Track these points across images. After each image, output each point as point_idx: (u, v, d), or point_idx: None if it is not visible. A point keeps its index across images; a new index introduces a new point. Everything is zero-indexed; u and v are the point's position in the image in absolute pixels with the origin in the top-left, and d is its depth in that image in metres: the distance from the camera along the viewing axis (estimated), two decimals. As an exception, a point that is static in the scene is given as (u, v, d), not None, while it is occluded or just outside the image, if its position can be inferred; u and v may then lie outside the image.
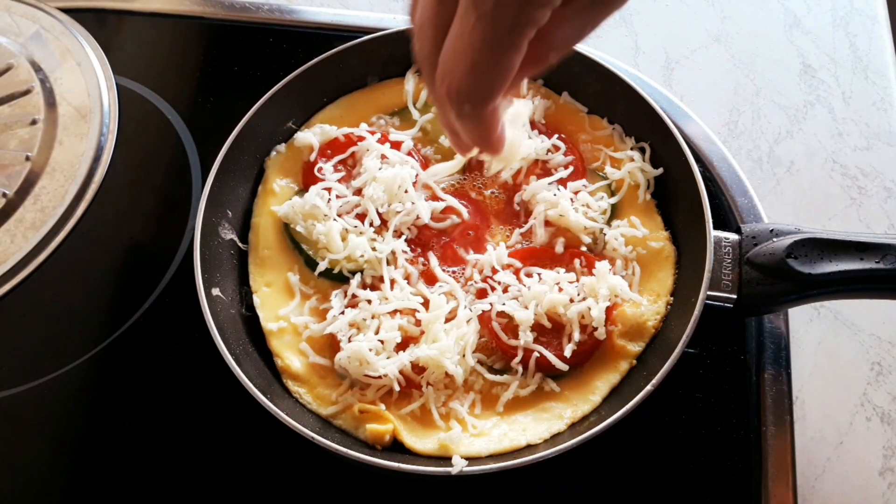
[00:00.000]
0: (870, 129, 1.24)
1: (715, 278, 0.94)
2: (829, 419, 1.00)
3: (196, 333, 0.95)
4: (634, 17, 1.38)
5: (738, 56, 1.33)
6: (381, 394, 0.95)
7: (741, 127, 1.25)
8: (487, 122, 0.63)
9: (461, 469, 0.85)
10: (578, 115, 1.14)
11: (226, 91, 1.31)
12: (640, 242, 1.03)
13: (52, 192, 1.20)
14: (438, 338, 0.94)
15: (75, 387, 1.05)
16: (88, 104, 1.28)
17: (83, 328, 1.10)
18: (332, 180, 1.08)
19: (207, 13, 1.40)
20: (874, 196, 1.17)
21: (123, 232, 1.19)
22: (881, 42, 1.34)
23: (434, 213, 1.06)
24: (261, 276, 1.04)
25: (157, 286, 1.11)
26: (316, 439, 0.85)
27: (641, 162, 1.08)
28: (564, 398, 0.95)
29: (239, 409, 0.91)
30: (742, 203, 1.13)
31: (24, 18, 1.38)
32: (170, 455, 1.00)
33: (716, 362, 1.02)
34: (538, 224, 1.04)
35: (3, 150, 1.23)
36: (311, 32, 1.37)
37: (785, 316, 1.05)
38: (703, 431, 0.98)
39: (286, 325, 1.00)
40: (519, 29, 0.55)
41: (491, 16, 0.54)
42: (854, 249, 0.92)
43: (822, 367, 1.03)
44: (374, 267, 1.02)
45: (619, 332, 0.97)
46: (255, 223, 1.08)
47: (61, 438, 1.03)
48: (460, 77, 0.58)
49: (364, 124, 1.14)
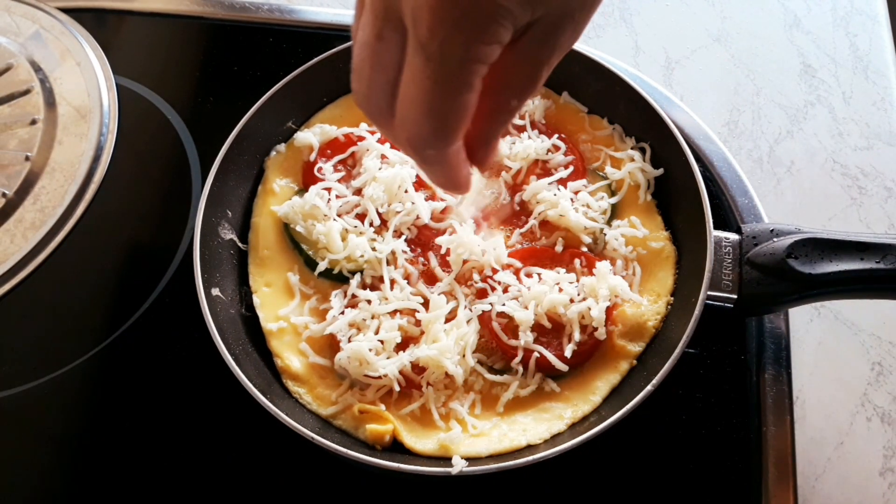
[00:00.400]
0: (870, 129, 1.24)
1: (715, 278, 0.94)
2: (829, 419, 1.00)
3: (196, 333, 0.95)
4: (634, 17, 1.38)
5: (738, 56, 1.33)
6: (381, 394, 0.95)
7: (741, 127, 1.25)
8: (452, 163, 0.62)
9: (461, 469, 0.85)
10: (578, 115, 1.14)
11: (226, 91, 1.31)
12: (641, 242, 1.03)
13: (52, 192, 1.20)
14: (438, 338, 0.94)
15: (75, 387, 1.05)
16: (88, 104, 1.28)
17: (83, 328, 1.10)
18: (332, 180, 1.08)
19: (207, 13, 1.40)
20: (874, 196, 1.17)
21: (123, 232, 1.19)
22: (881, 42, 1.34)
23: (434, 213, 1.06)
24: (261, 276, 1.04)
25: (157, 286, 1.11)
26: (316, 439, 0.85)
27: (642, 162, 1.07)
28: (564, 398, 0.95)
29: (239, 409, 0.91)
30: (742, 203, 1.13)
31: (24, 18, 1.38)
32: (170, 455, 0.99)
33: (716, 362, 1.02)
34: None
35: (3, 150, 1.23)
36: (311, 32, 1.36)
37: (785, 316, 1.05)
38: (703, 431, 0.98)
39: (286, 325, 0.99)
40: (468, 65, 0.54)
41: (438, 55, 0.53)
42: (854, 249, 0.92)
43: (823, 367, 1.03)
44: (373, 267, 1.02)
45: (619, 333, 0.97)
46: (254, 223, 1.08)
47: (61, 438, 1.03)
48: (419, 122, 0.57)
49: (364, 124, 1.14)
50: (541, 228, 1.06)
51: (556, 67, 0.61)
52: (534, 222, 1.05)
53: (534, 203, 1.06)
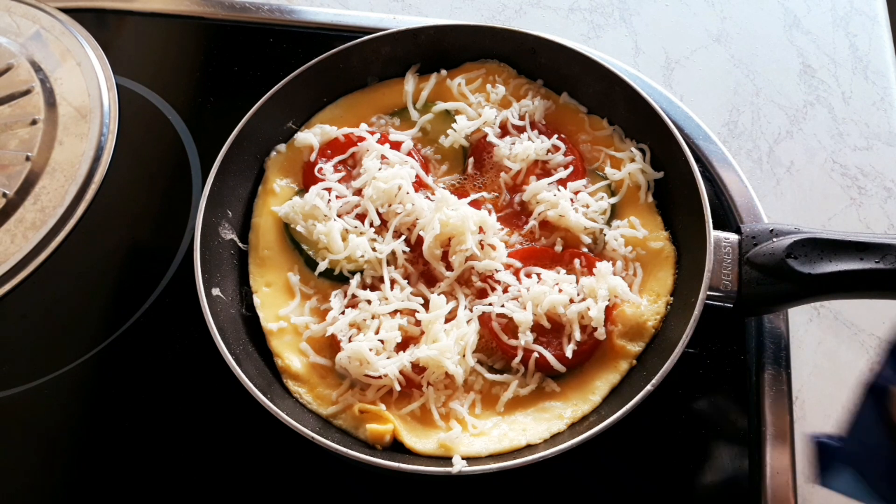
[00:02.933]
0: (870, 129, 1.24)
1: (715, 278, 0.94)
2: (829, 419, 1.00)
3: (196, 333, 0.95)
4: (634, 17, 1.38)
5: (738, 56, 1.33)
6: (381, 394, 0.95)
7: (741, 127, 1.25)
8: None
9: (461, 469, 0.85)
10: (578, 115, 1.14)
11: (226, 91, 1.31)
12: (640, 243, 1.03)
13: (52, 192, 1.20)
14: (438, 338, 0.94)
15: (75, 387, 1.05)
16: (88, 104, 1.29)
17: (83, 328, 1.10)
18: (333, 180, 1.08)
19: (207, 13, 1.40)
20: (874, 196, 1.17)
21: (123, 232, 1.19)
22: (881, 42, 1.34)
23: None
24: (261, 277, 1.04)
25: (157, 286, 1.11)
26: (316, 439, 0.85)
27: (642, 163, 1.08)
28: (564, 398, 0.95)
29: (239, 409, 0.91)
30: (742, 203, 1.13)
31: (24, 18, 1.38)
32: (170, 455, 1.00)
33: (716, 362, 1.02)
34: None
35: (3, 150, 1.23)
36: (311, 32, 1.37)
37: (785, 316, 1.05)
38: (703, 431, 0.98)
39: (286, 325, 1.00)
40: None
41: None
42: (854, 249, 0.92)
43: (822, 367, 1.03)
44: (374, 267, 1.02)
45: (618, 332, 0.97)
46: (255, 223, 1.08)
47: (61, 438, 1.03)
48: None
49: (364, 124, 1.14)
50: (541, 229, 1.06)
51: (556, 67, 0.61)
52: (534, 223, 1.05)
53: (534, 203, 1.06)
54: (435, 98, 1.16)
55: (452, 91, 1.16)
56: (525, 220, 1.07)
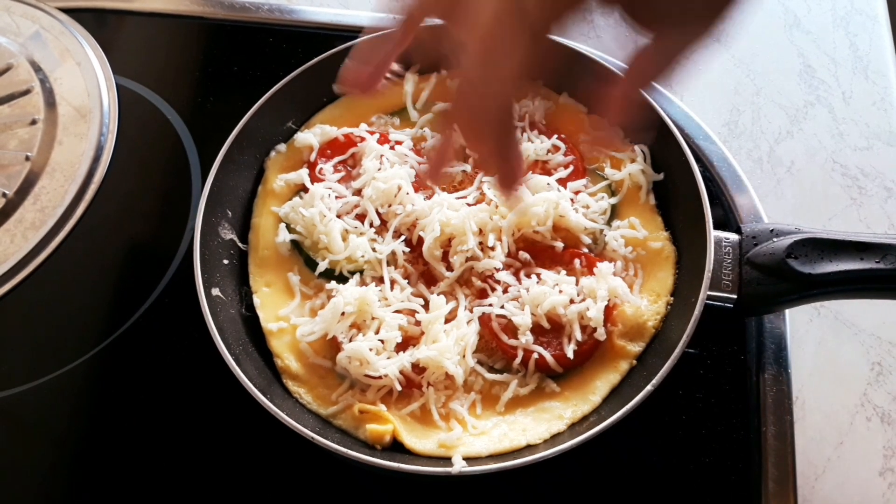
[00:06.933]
0: (870, 129, 1.24)
1: (715, 278, 0.94)
2: (829, 419, 1.00)
3: (196, 333, 0.95)
4: (634, 17, 1.38)
5: (738, 56, 1.33)
6: (381, 394, 0.94)
7: (741, 127, 1.25)
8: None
9: (461, 469, 0.85)
10: (578, 115, 1.14)
11: (226, 91, 1.31)
12: (641, 243, 1.03)
13: (52, 192, 1.20)
14: (438, 338, 0.94)
15: (75, 387, 1.05)
16: (88, 104, 1.28)
17: (83, 328, 1.10)
18: (332, 181, 1.08)
19: (207, 13, 1.40)
20: (874, 196, 1.17)
21: (123, 232, 1.19)
22: (881, 42, 1.34)
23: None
24: (261, 277, 1.04)
25: (157, 286, 1.11)
26: (316, 439, 0.85)
27: (642, 163, 1.07)
28: (564, 398, 0.95)
29: (239, 409, 0.91)
30: (742, 203, 1.13)
31: (24, 18, 1.38)
32: (170, 455, 0.99)
33: (716, 362, 1.02)
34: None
35: (3, 150, 1.23)
36: (311, 32, 1.36)
37: (785, 316, 1.05)
38: (703, 431, 0.98)
39: (286, 325, 0.99)
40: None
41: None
42: (854, 249, 0.92)
43: (822, 367, 1.03)
44: (374, 267, 1.02)
45: (618, 333, 0.97)
46: (255, 223, 1.08)
47: (61, 438, 1.03)
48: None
49: (364, 124, 1.14)
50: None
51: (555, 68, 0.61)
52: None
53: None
54: (435, 98, 1.16)
55: (452, 91, 1.15)
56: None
